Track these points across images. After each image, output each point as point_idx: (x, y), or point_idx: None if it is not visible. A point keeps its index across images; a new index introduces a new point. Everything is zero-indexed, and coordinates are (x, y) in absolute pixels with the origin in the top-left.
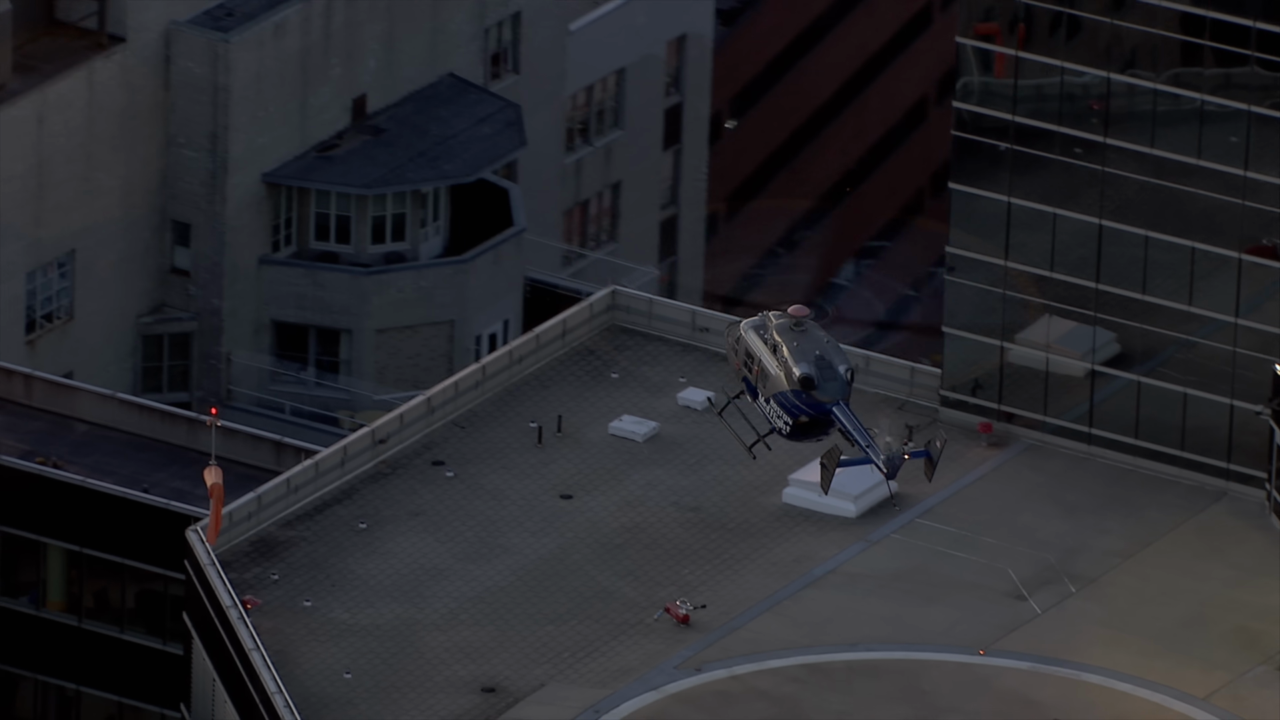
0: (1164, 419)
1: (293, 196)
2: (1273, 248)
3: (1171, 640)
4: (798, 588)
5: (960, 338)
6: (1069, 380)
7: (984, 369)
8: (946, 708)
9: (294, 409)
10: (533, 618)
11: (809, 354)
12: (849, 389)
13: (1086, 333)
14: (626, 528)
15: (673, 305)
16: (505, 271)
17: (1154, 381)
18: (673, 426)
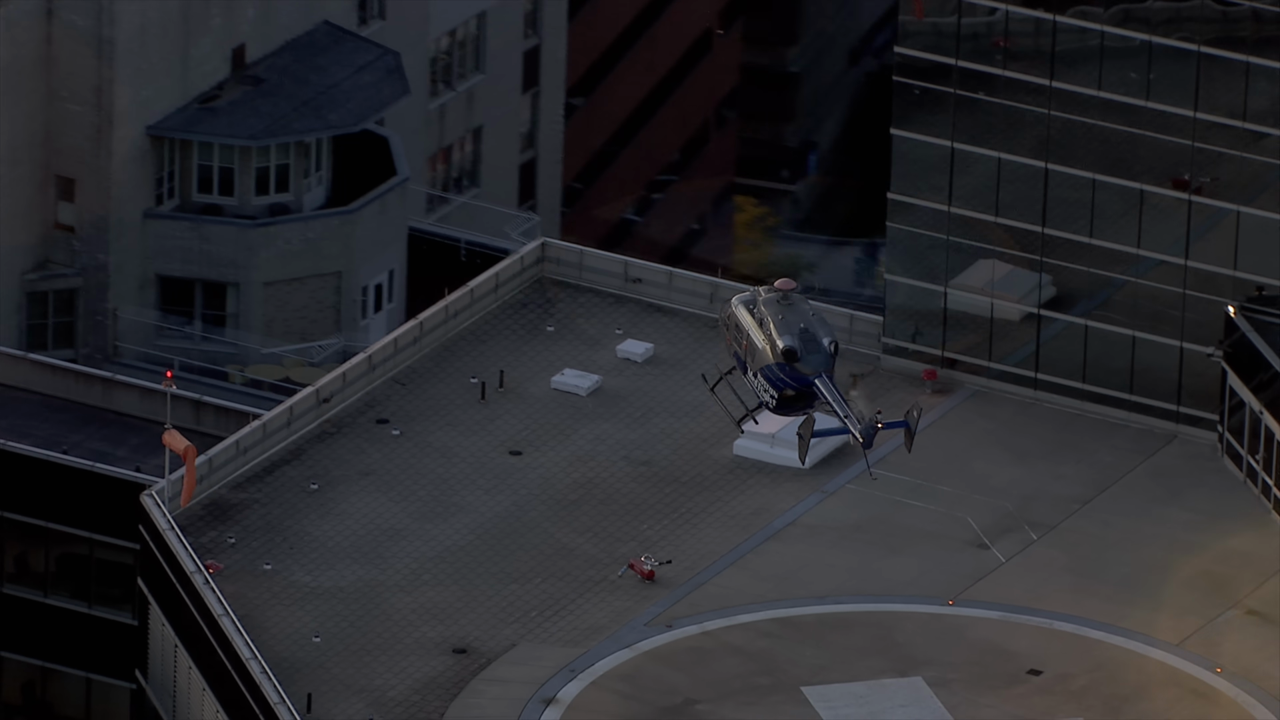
0: (1111, 362)
1: (175, 149)
2: (1187, 182)
3: (1139, 587)
4: (759, 541)
5: (901, 284)
6: (1009, 325)
7: (924, 315)
8: (922, 660)
9: (183, 364)
10: (496, 577)
11: (794, 327)
12: (832, 361)
13: (1024, 276)
14: (579, 484)
15: (604, 256)
16: (391, 221)
17: (1100, 325)
18: (615, 379)
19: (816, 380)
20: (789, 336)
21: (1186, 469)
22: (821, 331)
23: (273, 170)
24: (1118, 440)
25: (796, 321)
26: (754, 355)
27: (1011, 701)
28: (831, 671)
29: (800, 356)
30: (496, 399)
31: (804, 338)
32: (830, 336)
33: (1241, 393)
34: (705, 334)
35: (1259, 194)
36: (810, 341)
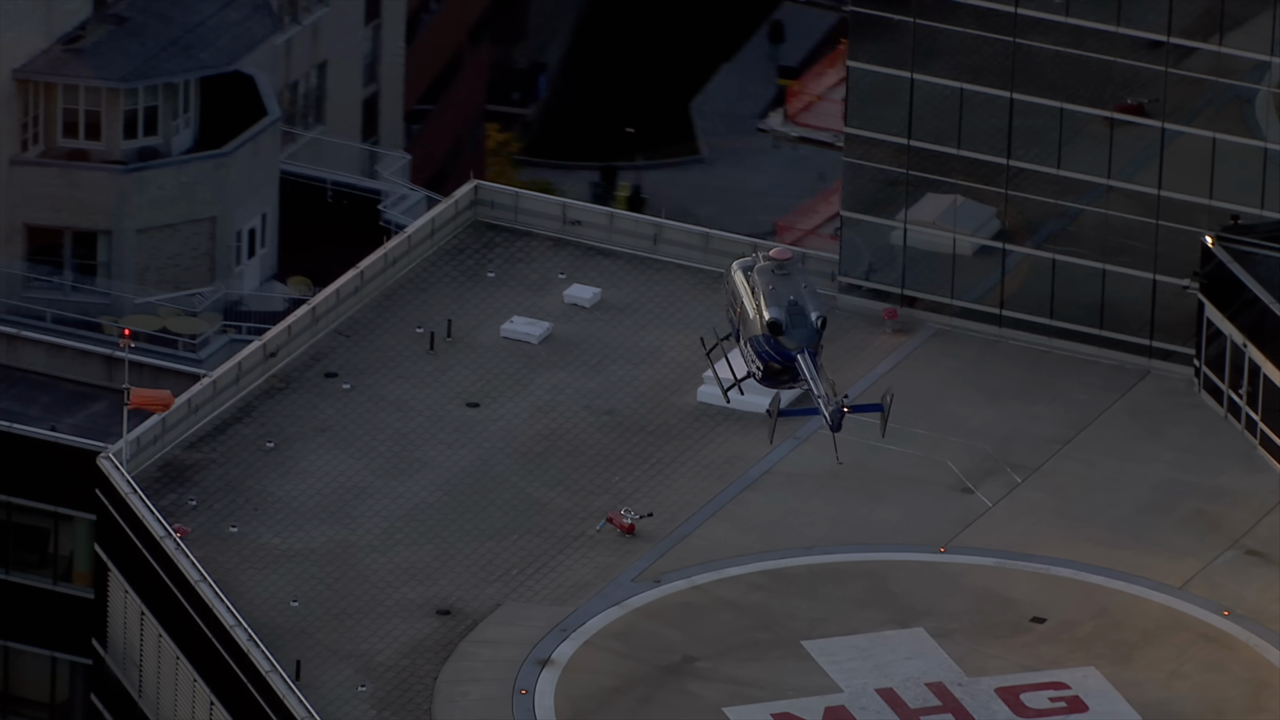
0: (1080, 297)
1: (40, 93)
2: (1140, 106)
3: (1132, 528)
4: (737, 490)
5: (857, 221)
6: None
7: (880, 252)
8: (921, 610)
9: (54, 316)
10: (470, 534)
11: (783, 299)
12: (818, 336)
13: (978, 209)
14: (543, 435)
15: (541, 198)
16: (264, 164)
17: (1068, 258)
18: (565, 326)
19: (798, 356)
20: (776, 308)
21: (1164, 405)
22: (811, 305)
23: (141, 113)
24: (1090, 377)
25: (787, 293)
26: (745, 324)
27: (1018, 651)
28: (830, 624)
29: (785, 330)
30: (446, 349)
31: (791, 311)
32: (819, 311)
33: (1221, 325)
34: (652, 277)
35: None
36: (797, 315)
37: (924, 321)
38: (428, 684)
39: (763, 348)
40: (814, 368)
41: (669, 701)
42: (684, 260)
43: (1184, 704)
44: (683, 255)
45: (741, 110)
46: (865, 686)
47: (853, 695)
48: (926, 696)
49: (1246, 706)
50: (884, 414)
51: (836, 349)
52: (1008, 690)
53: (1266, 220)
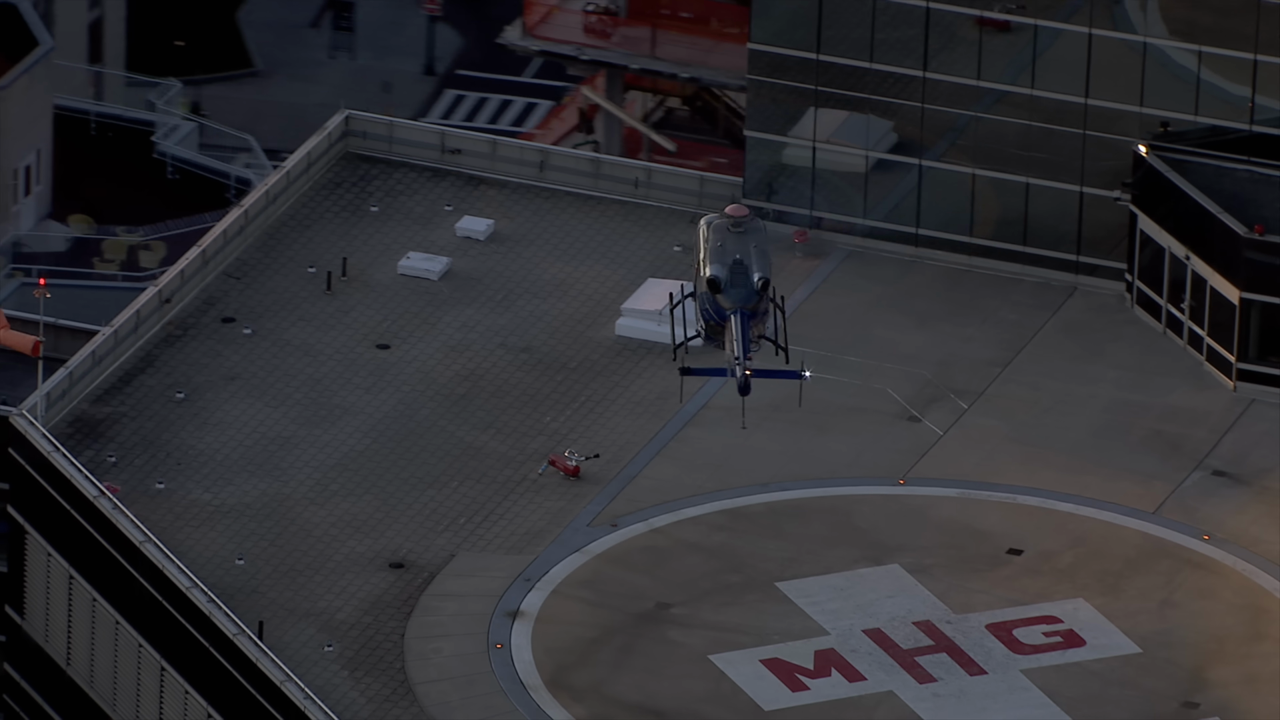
0: (1001, 213)
1: None
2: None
3: (1091, 453)
4: (677, 427)
5: (761, 141)
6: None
7: (784, 172)
8: (893, 545)
9: None
10: (409, 483)
11: (728, 257)
12: (757, 298)
13: (873, 124)
14: (463, 376)
15: (417, 127)
16: (38, 97)
17: (989, 173)
18: (463, 260)
19: (731, 315)
20: (718, 266)
21: (1098, 323)
22: (757, 266)
23: None
24: (1016, 296)
25: (734, 252)
26: (697, 280)
27: (1001, 585)
28: (802, 564)
29: (723, 288)
30: (343, 289)
31: (734, 270)
32: (763, 273)
33: (1159, 238)
34: (542, 206)
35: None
36: (738, 275)
37: (834, 244)
38: (395, 641)
39: (704, 305)
40: (744, 330)
41: (651, 651)
42: (574, 188)
43: (1182, 634)
44: (572, 182)
45: (291, 20)
46: (852, 628)
47: (841, 638)
48: (917, 636)
49: (1247, 635)
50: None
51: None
52: (999, 626)
53: (1197, 126)
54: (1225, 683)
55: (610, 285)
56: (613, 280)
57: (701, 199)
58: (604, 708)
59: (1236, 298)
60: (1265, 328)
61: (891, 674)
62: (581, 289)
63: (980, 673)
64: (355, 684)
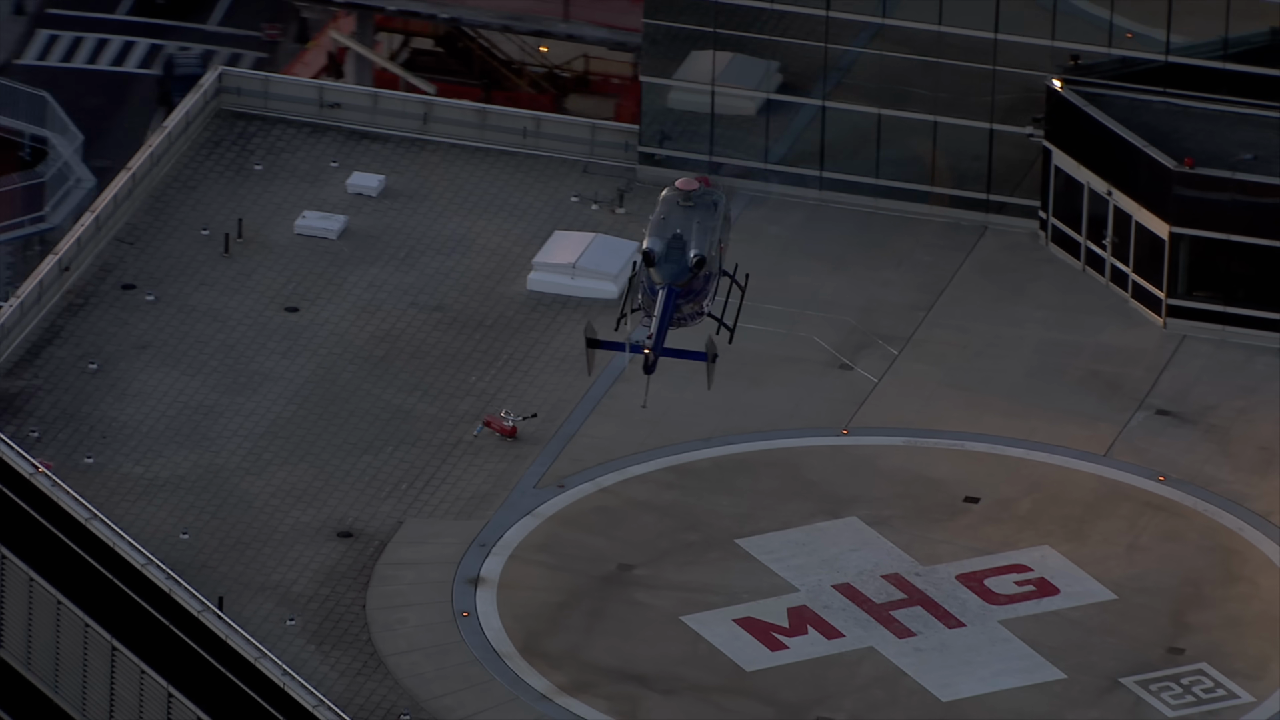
0: (903, 152)
1: None
2: None
3: (1031, 396)
4: (607, 384)
5: (656, 86)
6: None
7: (680, 118)
8: (847, 497)
9: None
10: (342, 449)
11: (668, 231)
12: (689, 275)
13: (755, 64)
14: (379, 337)
15: (293, 81)
16: None
17: (894, 112)
18: (359, 218)
19: (659, 291)
20: (655, 239)
21: (1014, 262)
22: (695, 243)
23: None
24: (926, 237)
25: (676, 226)
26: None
27: (963, 534)
28: (759, 520)
29: (656, 262)
30: (241, 251)
31: (670, 244)
32: (698, 251)
33: (1076, 174)
34: (429, 160)
35: None
36: (675, 250)
37: (735, 189)
38: (357, 612)
39: (641, 276)
40: (666, 308)
41: (622, 614)
42: (459, 139)
43: (1156, 578)
44: (456, 134)
45: None
46: (821, 583)
47: (811, 593)
48: (889, 590)
49: (1221, 577)
50: (709, 363)
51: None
52: (970, 577)
53: (1109, 58)
54: (1207, 626)
55: (513, 239)
56: (515, 234)
57: (593, 147)
58: (583, 674)
59: (1165, 233)
60: (1195, 262)
61: (869, 629)
62: (484, 244)
63: (958, 625)
64: (324, 658)
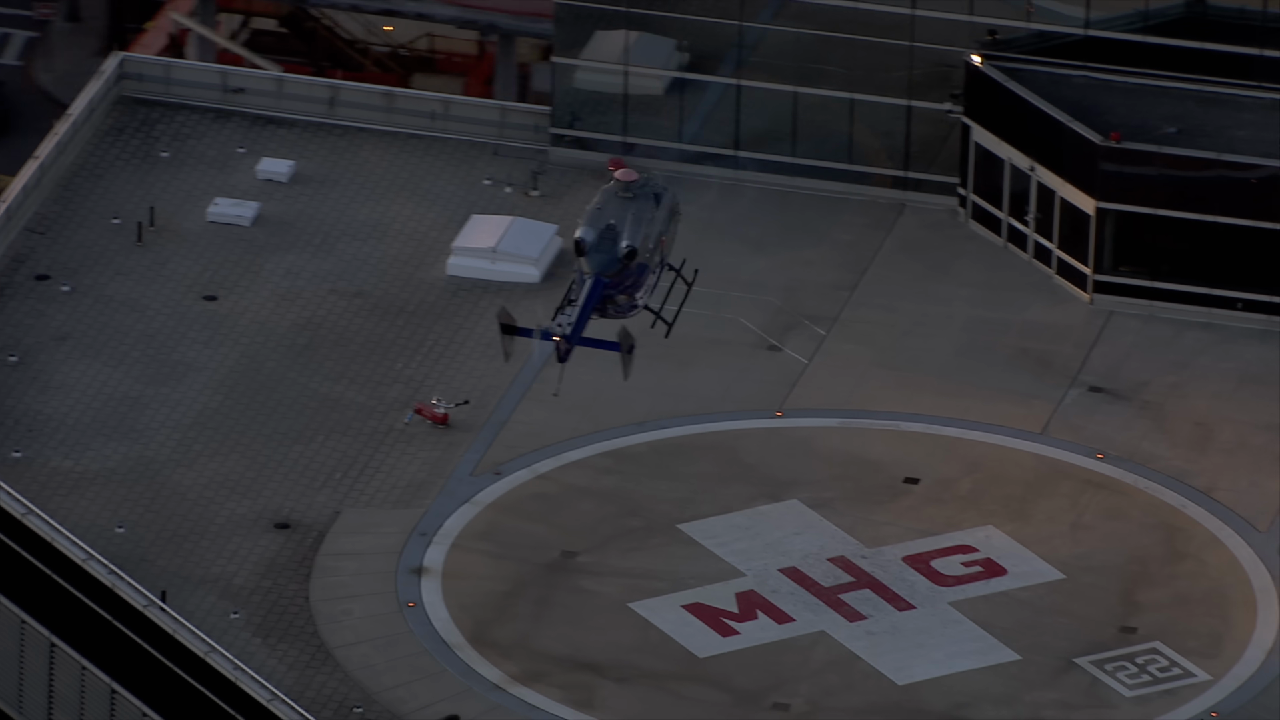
0: (821, 131)
1: None
2: None
3: (963, 374)
4: (538, 367)
5: (568, 66)
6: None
7: (592, 99)
8: (786, 480)
9: None
10: (272, 439)
11: (601, 220)
12: (618, 266)
13: (658, 43)
14: (300, 325)
15: (196, 67)
16: None
17: (810, 90)
18: (272, 205)
19: (588, 281)
20: (588, 229)
21: (936, 240)
22: (627, 234)
23: None
24: (845, 216)
25: (610, 216)
26: None
27: (906, 515)
28: (699, 504)
29: (585, 252)
30: (155, 239)
31: (603, 234)
32: (630, 242)
33: (997, 149)
34: (338, 144)
35: None
36: (605, 240)
37: (650, 170)
38: (300, 604)
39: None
40: (588, 299)
41: (569, 602)
42: (366, 123)
43: (1102, 557)
44: (363, 118)
45: None
46: (767, 568)
47: (759, 578)
48: (836, 573)
49: (1167, 555)
50: (622, 353)
51: (566, 207)
52: (916, 559)
53: (1027, 32)
54: (1157, 605)
55: (429, 224)
56: (429, 218)
57: (503, 129)
58: (535, 663)
59: (1092, 208)
60: (1121, 237)
61: (819, 613)
62: (400, 228)
63: (908, 607)
64: (271, 651)
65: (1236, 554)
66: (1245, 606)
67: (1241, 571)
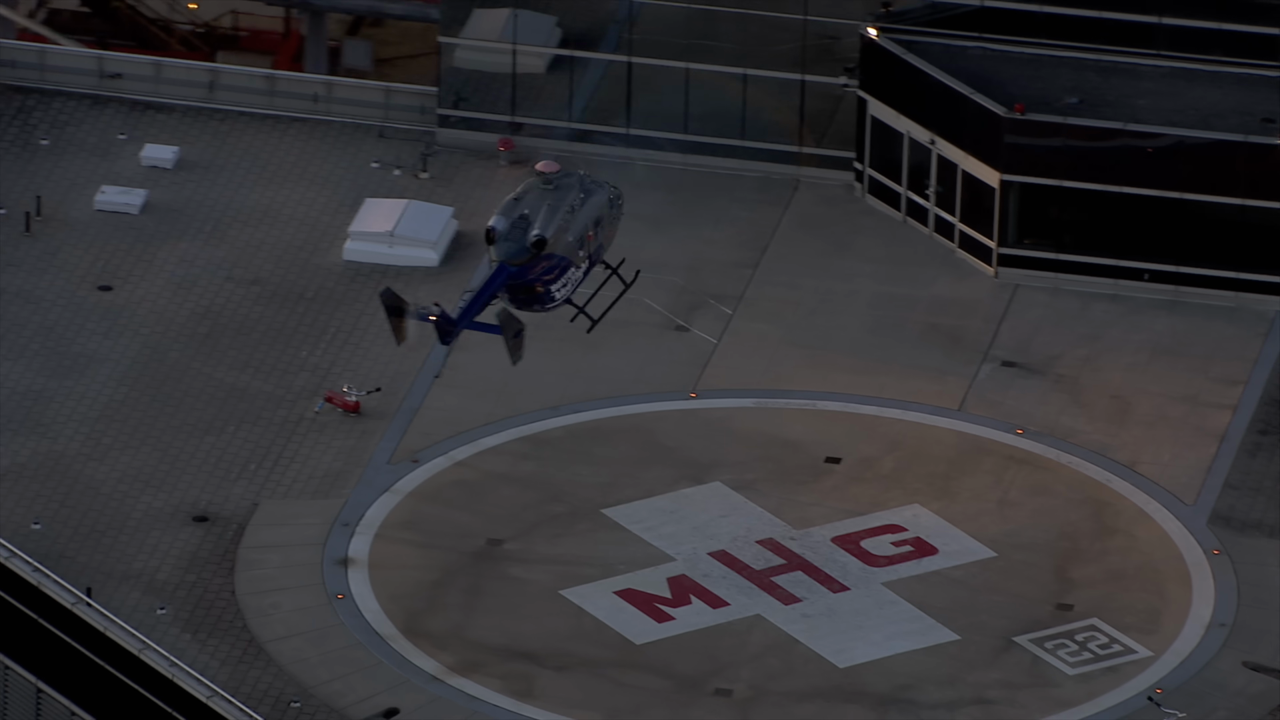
0: (713, 108)
1: None
2: None
3: (874, 351)
4: (441, 353)
5: (451, 46)
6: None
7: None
8: (708, 462)
9: None
10: (182, 430)
11: (517, 211)
12: (526, 255)
13: (542, 22)
14: (200, 314)
15: (71, 52)
16: None
17: (700, 66)
18: (160, 192)
19: (494, 267)
20: (501, 218)
21: (833, 215)
22: (540, 224)
23: None
24: (740, 193)
25: (525, 207)
26: None
27: (831, 496)
28: (622, 488)
29: (495, 240)
30: (43, 229)
31: (515, 224)
32: (540, 232)
33: (896, 123)
34: (220, 129)
35: None
36: (516, 230)
37: (539, 150)
38: (227, 598)
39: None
40: (487, 287)
41: (500, 591)
42: (247, 107)
43: (1032, 534)
44: (244, 101)
45: None
46: (696, 551)
47: (689, 562)
48: (766, 556)
49: (1096, 530)
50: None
51: (458, 190)
52: (845, 539)
53: (921, 4)
54: (1091, 581)
55: (319, 208)
56: (320, 203)
57: (387, 111)
58: (471, 653)
59: (996, 180)
60: (1025, 210)
61: (753, 597)
62: (291, 214)
63: (842, 589)
64: (202, 647)
65: (1166, 528)
66: (1180, 581)
67: (1173, 546)
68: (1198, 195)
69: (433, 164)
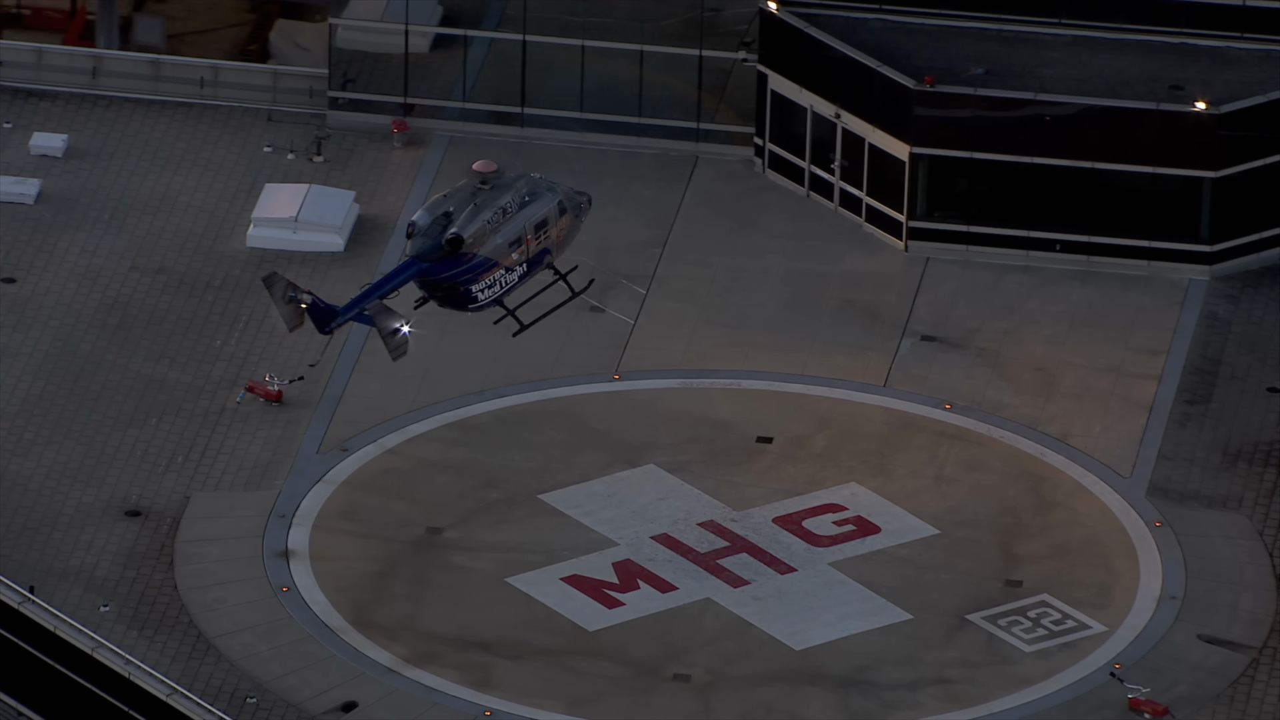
0: (607, 84)
1: None
2: None
3: (792, 329)
4: (359, 341)
5: (341, 26)
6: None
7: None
8: (639, 444)
9: None
10: (103, 424)
11: (441, 208)
12: (438, 253)
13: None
14: (108, 305)
15: None
16: None
17: (598, 43)
18: (52, 181)
19: (407, 264)
20: (424, 213)
21: (735, 191)
22: (460, 223)
23: None
24: (640, 170)
25: (450, 204)
26: None
27: (766, 476)
28: (556, 473)
29: (413, 235)
30: None
31: (436, 221)
32: (457, 231)
33: (798, 98)
34: (105, 116)
35: None
36: (434, 227)
37: (433, 131)
38: (169, 594)
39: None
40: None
41: (446, 580)
42: (133, 93)
43: (973, 509)
44: (130, 87)
45: None
46: (639, 535)
47: (632, 546)
48: (709, 538)
49: (1037, 505)
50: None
51: (354, 173)
52: (787, 519)
53: None
54: (1037, 556)
55: (216, 194)
56: (216, 189)
57: (275, 94)
58: (424, 644)
59: (905, 154)
60: (934, 183)
61: (701, 580)
62: (188, 201)
63: (790, 570)
64: (150, 644)
65: (1105, 501)
66: (1125, 554)
67: (1114, 519)
68: (1108, 164)
69: (326, 147)
